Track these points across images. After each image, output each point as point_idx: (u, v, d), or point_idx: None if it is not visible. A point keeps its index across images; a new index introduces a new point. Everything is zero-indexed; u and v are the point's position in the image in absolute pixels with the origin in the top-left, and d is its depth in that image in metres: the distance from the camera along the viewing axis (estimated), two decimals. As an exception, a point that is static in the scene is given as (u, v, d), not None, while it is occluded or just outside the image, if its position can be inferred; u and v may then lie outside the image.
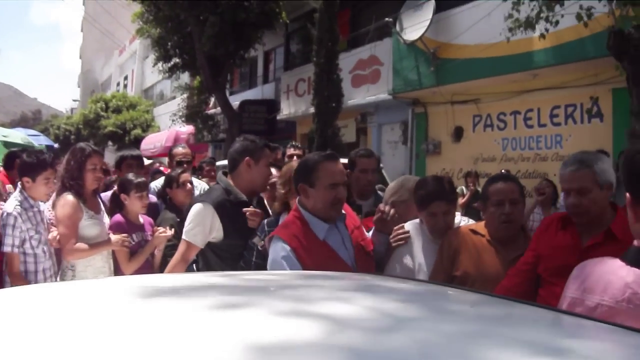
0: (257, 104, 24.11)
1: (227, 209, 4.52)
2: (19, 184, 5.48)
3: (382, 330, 1.43)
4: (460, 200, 12.19)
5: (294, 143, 8.79)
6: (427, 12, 15.18)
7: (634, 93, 8.25)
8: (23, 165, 5.43)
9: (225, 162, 12.25)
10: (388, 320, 1.57)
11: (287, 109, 22.04)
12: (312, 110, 17.45)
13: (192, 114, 24.42)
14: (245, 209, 4.57)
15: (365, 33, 18.03)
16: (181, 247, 4.52)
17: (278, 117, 22.83)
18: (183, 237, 4.52)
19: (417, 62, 15.85)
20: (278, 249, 3.68)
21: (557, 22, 8.84)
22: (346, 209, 4.06)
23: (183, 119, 25.24)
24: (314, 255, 3.65)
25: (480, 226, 4.21)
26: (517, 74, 13.35)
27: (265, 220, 4.53)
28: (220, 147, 26.68)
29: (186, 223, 4.55)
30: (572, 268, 2.27)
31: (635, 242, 1.96)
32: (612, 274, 1.93)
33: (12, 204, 5.27)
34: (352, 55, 18.63)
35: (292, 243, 3.66)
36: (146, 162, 8.22)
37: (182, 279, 2.45)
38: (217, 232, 4.49)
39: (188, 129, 27.12)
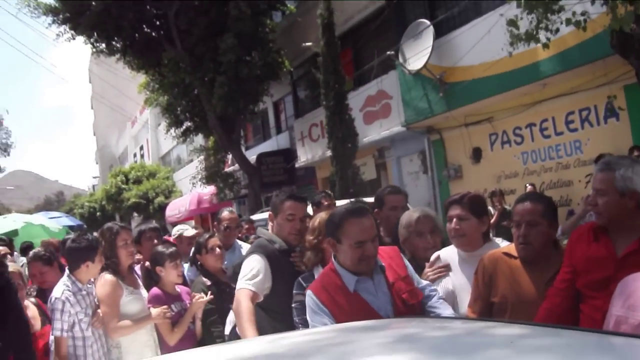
0: (274, 155, 24.22)
1: (276, 256, 4.66)
2: (66, 268, 5.59)
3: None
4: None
5: (326, 192, 8.85)
6: (427, 39, 15.18)
7: None
8: (75, 250, 5.49)
9: (259, 215, 12.28)
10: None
11: (304, 156, 22.15)
12: (329, 153, 17.52)
13: (212, 175, 24.57)
14: (293, 254, 4.74)
15: (370, 69, 18.13)
16: (239, 297, 4.46)
17: (296, 165, 22.89)
18: (241, 287, 4.51)
19: (426, 90, 15.85)
20: (310, 303, 3.79)
21: (557, 30, 8.81)
22: (392, 256, 4.06)
23: (203, 180, 25.32)
24: (344, 308, 3.67)
25: (513, 248, 4.13)
26: (527, 87, 13.30)
27: (300, 277, 4.52)
28: (243, 203, 26.83)
29: (241, 274, 4.59)
30: (610, 280, 2.25)
31: None
32: None
33: (60, 289, 5.34)
34: (360, 93, 18.73)
35: (321, 296, 3.74)
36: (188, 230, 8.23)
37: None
38: (269, 282, 4.57)
39: (210, 189, 27.27)
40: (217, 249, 6.36)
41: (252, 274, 4.51)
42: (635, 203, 3.44)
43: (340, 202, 7.68)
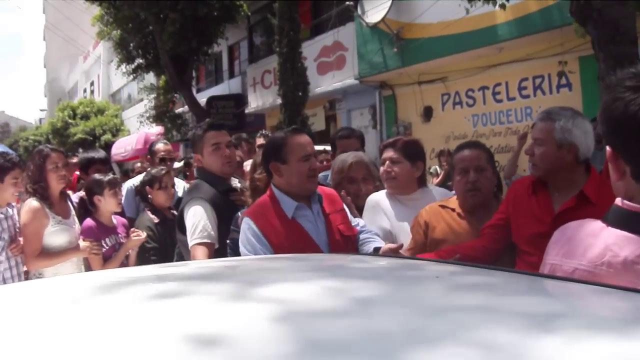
0: (224, 100, 23.80)
1: (218, 198, 4.46)
2: None
3: (335, 314, 1.30)
4: (435, 180, 12.01)
5: (263, 132, 8.59)
6: (388, -7, 14.89)
7: (601, 58, 8.10)
8: None
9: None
10: (344, 301, 1.41)
11: (254, 102, 21.89)
12: (279, 101, 17.29)
13: (160, 114, 24.13)
14: (232, 194, 4.59)
15: (328, 19, 17.86)
16: (198, 254, 4.23)
17: (246, 111, 22.66)
18: (195, 242, 4.27)
19: (382, 44, 15.65)
20: (245, 229, 3.64)
21: None
22: (329, 193, 4.01)
23: (151, 120, 24.85)
24: (281, 234, 3.58)
25: (451, 200, 4.12)
26: (483, 49, 13.20)
27: (239, 213, 4.28)
28: (190, 146, 26.33)
29: (190, 227, 4.33)
30: (546, 236, 2.10)
31: (618, 201, 1.78)
32: (592, 236, 1.78)
33: None
34: (315, 43, 18.48)
35: (258, 221, 3.61)
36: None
37: (132, 272, 2.33)
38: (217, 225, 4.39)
39: (157, 129, 26.78)
40: (171, 188, 6.05)
41: (202, 225, 4.28)
42: (573, 157, 3.38)
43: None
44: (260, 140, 7.77)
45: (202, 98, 23.98)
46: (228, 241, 4.21)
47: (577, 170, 3.43)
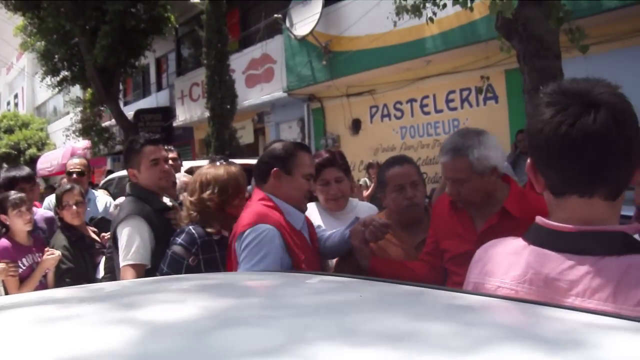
0: (152, 113, 23.48)
1: (154, 216, 4.14)
2: None
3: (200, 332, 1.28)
4: (365, 193, 11.87)
5: (170, 148, 8.17)
6: (316, 6, 14.87)
7: (526, 71, 8.20)
8: None
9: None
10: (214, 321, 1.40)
11: (182, 115, 21.54)
12: (207, 114, 17.05)
13: (87, 128, 23.61)
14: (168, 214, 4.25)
15: (256, 32, 17.74)
16: (126, 276, 3.90)
17: (174, 124, 22.28)
18: (124, 264, 3.95)
19: (310, 57, 15.58)
20: (270, 235, 3.23)
21: (444, 5, 8.72)
22: None
23: (77, 133, 24.20)
24: (297, 246, 3.34)
25: (381, 215, 3.95)
26: (410, 62, 13.22)
27: (195, 232, 3.80)
28: (118, 160, 25.83)
29: (122, 247, 3.99)
30: (470, 255, 2.06)
31: (537, 219, 1.77)
32: (514, 254, 1.78)
33: None
34: (244, 55, 18.32)
35: (280, 229, 3.29)
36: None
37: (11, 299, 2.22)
38: (152, 244, 4.06)
39: (84, 143, 26.13)
40: (74, 206, 5.64)
41: (135, 245, 3.96)
42: (495, 176, 3.27)
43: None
44: (172, 154, 7.31)
45: (129, 111, 23.48)
46: (169, 257, 3.78)
47: (496, 186, 3.33)
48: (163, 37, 21.47)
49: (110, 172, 11.05)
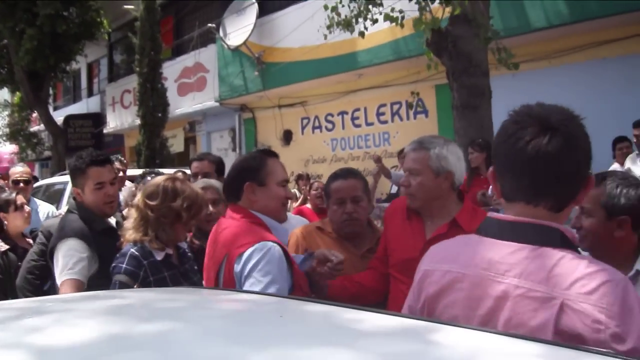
0: (82, 119, 22.82)
1: (95, 237, 3.94)
2: None
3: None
4: (294, 204, 11.75)
5: (119, 157, 7.83)
6: (250, 16, 14.82)
7: (454, 87, 8.30)
8: None
9: (59, 178, 11.19)
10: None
11: (113, 122, 21.19)
12: (138, 122, 16.77)
13: (14, 132, 23.05)
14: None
15: (190, 40, 17.51)
16: (66, 291, 3.68)
17: (105, 131, 21.91)
18: (62, 279, 3.74)
19: (243, 67, 15.50)
20: (276, 251, 2.96)
21: (376, 21, 8.75)
22: None
23: (4, 138, 23.52)
24: (292, 263, 3.11)
25: (327, 222, 3.97)
26: (342, 75, 13.28)
27: (139, 253, 3.52)
28: (46, 166, 25.21)
29: (60, 265, 3.79)
30: (416, 262, 2.17)
31: (490, 214, 1.96)
32: (463, 244, 1.97)
33: None
34: (177, 63, 18.12)
35: (282, 247, 3.06)
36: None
37: None
38: (95, 264, 3.87)
39: (11, 148, 25.39)
40: (26, 207, 5.39)
41: (72, 262, 3.78)
42: (449, 184, 3.35)
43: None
44: (117, 165, 6.97)
45: (59, 116, 22.90)
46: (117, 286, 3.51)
47: (450, 198, 3.40)
48: (95, 42, 20.97)
49: (35, 178, 10.64)
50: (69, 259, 3.77)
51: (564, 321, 1.63)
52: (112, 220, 4.33)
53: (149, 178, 5.23)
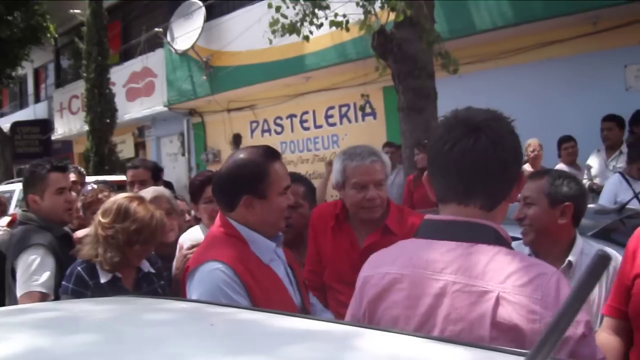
0: (29, 125, 22.59)
1: (56, 245, 3.83)
2: None
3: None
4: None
5: (77, 167, 7.45)
6: (197, 20, 14.67)
7: (400, 90, 8.35)
8: None
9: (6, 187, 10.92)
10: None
11: (61, 128, 20.91)
12: (86, 127, 16.62)
13: (-42, 139, 22.24)
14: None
15: (137, 44, 17.34)
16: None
17: (53, 137, 21.60)
18: (28, 290, 3.60)
19: (191, 71, 15.38)
20: (215, 275, 2.58)
21: (321, 25, 8.69)
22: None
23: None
24: (261, 284, 2.66)
25: None
26: (291, 78, 13.24)
27: (85, 274, 3.35)
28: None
29: (24, 273, 3.65)
30: (352, 273, 2.20)
31: (426, 216, 1.98)
32: (399, 247, 1.98)
33: None
34: (124, 69, 17.91)
35: (236, 267, 2.60)
36: None
37: None
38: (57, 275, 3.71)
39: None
40: None
41: (38, 272, 3.65)
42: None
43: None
44: (73, 177, 6.61)
45: (5, 123, 22.57)
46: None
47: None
48: (41, 47, 20.54)
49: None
50: (35, 271, 3.66)
51: (500, 313, 1.65)
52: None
53: (88, 187, 5.11)
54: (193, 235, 4.01)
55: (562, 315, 1.05)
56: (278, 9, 8.82)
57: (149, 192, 4.21)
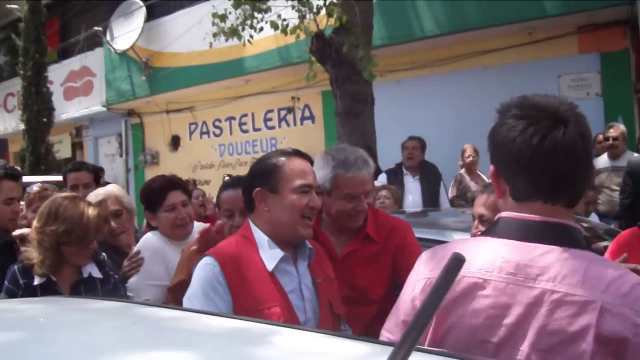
0: (-37, 123, 21.69)
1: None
2: None
3: None
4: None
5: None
6: (138, 20, 14.54)
7: (338, 95, 8.36)
8: None
9: None
10: None
11: (-3, 126, 20.31)
12: (22, 126, 16.22)
13: None
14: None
15: (76, 43, 17.05)
16: None
17: (-13, 136, 20.82)
18: None
19: (130, 71, 15.18)
20: (203, 273, 2.54)
21: (261, 29, 8.71)
22: (319, 250, 2.92)
23: None
24: (252, 291, 2.53)
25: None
26: (230, 80, 13.24)
27: (20, 275, 3.28)
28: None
29: None
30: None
31: (503, 214, 1.83)
32: (475, 247, 1.80)
33: None
34: (63, 67, 17.58)
35: (225, 267, 2.53)
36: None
37: None
38: None
39: None
40: None
41: None
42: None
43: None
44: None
45: None
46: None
47: None
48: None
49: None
50: None
51: (604, 325, 1.55)
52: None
53: (29, 189, 4.95)
54: (149, 243, 3.77)
55: (420, 314, 1.05)
56: (222, 17, 8.82)
57: (99, 193, 4.07)
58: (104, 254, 3.55)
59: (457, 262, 1.11)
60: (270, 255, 2.59)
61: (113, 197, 3.99)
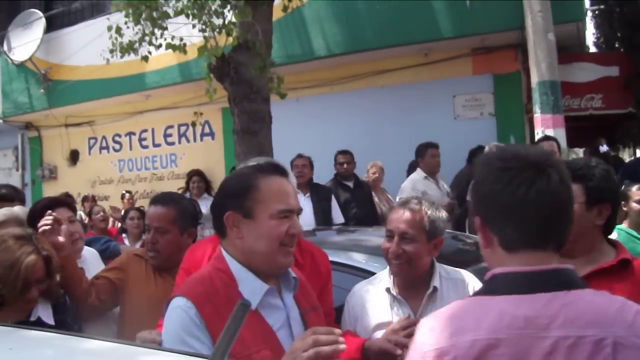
0: None
1: None
2: None
3: None
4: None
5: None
6: (37, 31, 14.09)
7: (235, 112, 8.36)
8: None
9: None
10: None
11: None
12: None
13: None
14: None
15: (-28, 52, 16.29)
16: None
17: None
18: None
19: (28, 83, 14.70)
20: (176, 316, 2.18)
21: (159, 46, 8.57)
22: (302, 278, 2.56)
23: None
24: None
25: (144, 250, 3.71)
26: (130, 95, 13.08)
27: None
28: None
29: None
30: None
31: (496, 270, 1.82)
32: (479, 307, 1.77)
33: None
34: (-43, 76, 16.70)
35: (203, 309, 2.16)
36: None
37: None
38: None
39: None
40: None
41: None
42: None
43: None
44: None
45: None
46: None
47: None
48: None
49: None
50: None
51: (620, 357, 1.60)
52: None
53: None
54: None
55: (214, 355, 1.13)
56: (118, 30, 8.66)
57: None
58: (67, 297, 3.26)
59: (243, 307, 1.15)
60: (252, 290, 2.26)
61: (13, 220, 3.71)
